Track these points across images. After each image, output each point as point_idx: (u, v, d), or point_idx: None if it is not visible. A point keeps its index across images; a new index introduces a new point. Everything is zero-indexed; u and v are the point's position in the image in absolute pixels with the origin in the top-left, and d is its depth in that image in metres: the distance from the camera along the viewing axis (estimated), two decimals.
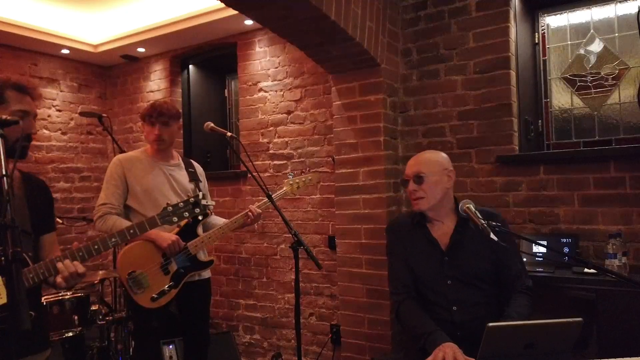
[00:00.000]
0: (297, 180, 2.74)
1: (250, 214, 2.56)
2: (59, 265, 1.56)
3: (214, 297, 4.17)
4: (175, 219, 1.77)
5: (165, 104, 2.62)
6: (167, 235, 2.40)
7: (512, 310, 1.89)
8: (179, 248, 2.40)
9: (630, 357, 1.52)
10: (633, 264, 2.52)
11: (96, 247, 1.64)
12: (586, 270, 2.41)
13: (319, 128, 3.75)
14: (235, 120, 4.60)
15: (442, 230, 2.07)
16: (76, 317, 2.96)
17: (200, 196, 1.83)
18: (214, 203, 2.12)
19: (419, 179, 2.01)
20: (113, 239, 1.69)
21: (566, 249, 2.65)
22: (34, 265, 1.54)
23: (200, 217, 2.41)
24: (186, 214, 1.79)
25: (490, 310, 1.97)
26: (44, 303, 2.83)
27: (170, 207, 1.78)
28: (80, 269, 1.58)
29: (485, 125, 3.00)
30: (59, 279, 1.56)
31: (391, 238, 2.18)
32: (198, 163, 2.83)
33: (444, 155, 2.13)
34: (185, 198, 1.82)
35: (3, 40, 4.25)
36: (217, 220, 2.70)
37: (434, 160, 2.06)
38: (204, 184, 2.76)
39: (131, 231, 1.73)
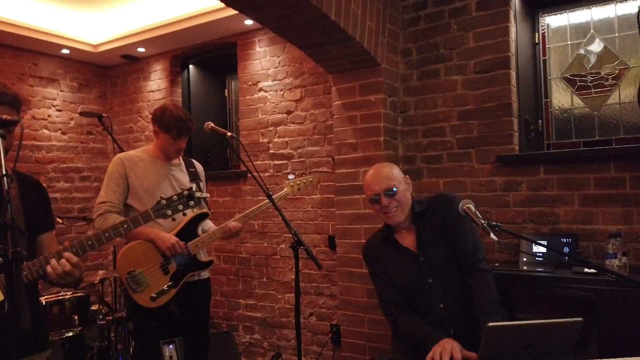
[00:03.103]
0: (298, 182, 2.73)
1: (227, 228, 2.52)
2: (53, 261, 1.53)
3: (214, 297, 4.17)
4: (169, 212, 1.72)
5: (188, 116, 2.55)
6: (167, 236, 2.40)
7: (480, 297, 1.94)
8: (179, 250, 2.40)
9: (630, 357, 1.52)
10: (633, 264, 2.52)
11: (90, 242, 1.61)
12: (586, 270, 2.41)
13: (319, 128, 3.75)
14: (235, 120, 4.60)
15: (409, 236, 2.14)
16: (76, 317, 2.96)
17: (194, 188, 1.78)
18: (208, 195, 2.11)
19: (391, 192, 2.05)
20: (107, 234, 1.65)
21: (566, 249, 2.65)
22: (27, 263, 1.52)
23: (195, 210, 2.42)
24: (180, 207, 1.73)
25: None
26: (44, 303, 2.83)
27: (164, 201, 1.73)
28: (73, 258, 1.54)
29: (485, 125, 2.99)
30: (49, 269, 1.53)
31: (369, 263, 2.24)
32: (199, 164, 2.83)
33: (394, 165, 2.22)
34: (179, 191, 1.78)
35: (3, 40, 4.25)
36: (207, 226, 2.70)
37: (396, 172, 2.13)
38: (203, 184, 2.76)
39: (125, 226, 1.69)
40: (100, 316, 3.10)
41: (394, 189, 2.05)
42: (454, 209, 1.94)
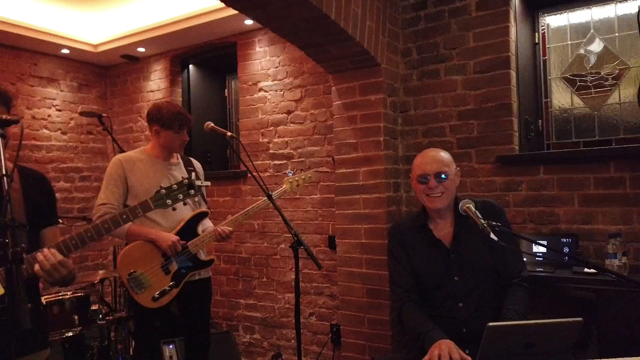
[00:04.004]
0: (297, 178, 2.73)
1: (217, 233, 2.52)
2: (45, 251, 1.51)
3: (214, 297, 4.17)
4: (169, 201, 1.69)
5: (184, 109, 2.58)
6: (167, 235, 2.40)
7: (509, 306, 1.92)
8: (179, 249, 2.40)
9: (630, 357, 1.52)
10: (633, 264, 2.52)
11: (89, 234, 1.59)
12: (586, 270, 2.41)
13: (319, 128, 3.75)
14: (235, 120, 4.61)
15: (445, 229, 2.09)
16: (76, 317, 2.96)
17: (193, 176, 1.75)
18: (209, 183, 2.09)
19: (441, 177, 2.02)
20: (105, 225, 1.63)
21: (566, 249, 2.65)
22: (26, 256, 1.50)
23: (195, 198, 2.40)
24: (180, 196, 1.69)
25: (495, 305, 1.99)
26: (44, 303, 2.83)
27: (164, 190, 1.69)
28: (58, 256, 1.51)
29: (485, 125, 3.00)
30: (36, 267, 1.49)
31: (393, 242, 2.18)
32: (198, 163, 2.83)
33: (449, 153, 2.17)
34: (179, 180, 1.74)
35: (3, 40, 4.25)
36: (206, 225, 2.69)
37: (451, 160, 2.09)
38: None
39: (124, 216, 1.68)
40: (100, 316, 3.10)
41: (444, 175, 2.02)
42: (504, 221, 1.99)
